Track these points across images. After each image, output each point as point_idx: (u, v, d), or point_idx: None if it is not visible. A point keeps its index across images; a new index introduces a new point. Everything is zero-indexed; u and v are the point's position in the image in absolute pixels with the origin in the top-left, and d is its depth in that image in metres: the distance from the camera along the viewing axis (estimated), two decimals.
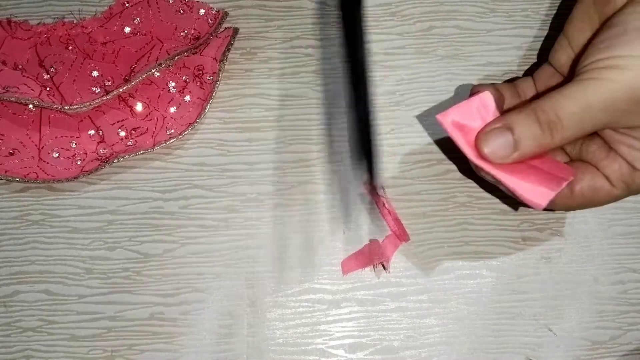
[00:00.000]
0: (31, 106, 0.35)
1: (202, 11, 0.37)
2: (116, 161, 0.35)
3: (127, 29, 0.37)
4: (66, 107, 0.34)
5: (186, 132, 0.36)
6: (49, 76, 0.35)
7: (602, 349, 0.34)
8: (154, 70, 0.35)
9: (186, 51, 0.35)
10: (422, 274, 0.34)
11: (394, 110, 0.36)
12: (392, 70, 0.37)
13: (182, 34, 0.37)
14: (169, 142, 0.36)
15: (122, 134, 0.36)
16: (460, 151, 0.29)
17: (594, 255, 0.35)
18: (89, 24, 0.37)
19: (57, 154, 0.35)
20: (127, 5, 0.37)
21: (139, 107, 0.36)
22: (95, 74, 0.35)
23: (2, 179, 0.35)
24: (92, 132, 0.36)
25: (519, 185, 0.28)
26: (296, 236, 0.35)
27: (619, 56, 0.26)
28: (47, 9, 0.38)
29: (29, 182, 0.35)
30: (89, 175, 0.35)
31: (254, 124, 0.36)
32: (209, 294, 0.34)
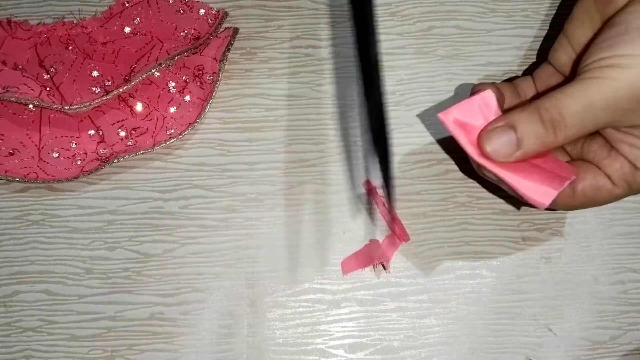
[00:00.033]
0: (31, 106, 0.35)
1: (202, 11, 0.37)
2: (116, 161, 0.35)
3: (127, 29, 0.37)
4: (66, 107, 0.34)
5: (186, 132, 0.36)
6: (49, 76, 0.35)
7: (602, 349, 0.34)
8: (154, 70, 0.35)
9: (186, 51, 0.35)
10: (422, 274, 0.34)
11: (394, 110, 0.36)
12: (392, 70, 0.37)
13: (182, 34, 0.37)
14: (169, 142, 0.36)
15: (122, 134, 0.36)
16: (461, 150, 0.29)
17: (594, 255, 0.35)
18: (89, 24, 0.37)
19: (57, 154, 0.35)
20: (127, 5, 0.37)
21: (139, 107, 0.36)
22: (95, 74, 0.35)
23: (2, 179, 0.35)
24: (92, 132, 0.36)
25: (522, 184, 0.28)
26: (296, 236, 0.35)
27: (621, 55, 0.26)
28: (47, 9, 0.38)
29: (29, 182, 0.35)
30: (89, 175, 0.35)
31: (254, 124, 0.36)
32: (209, 294, 0.34)
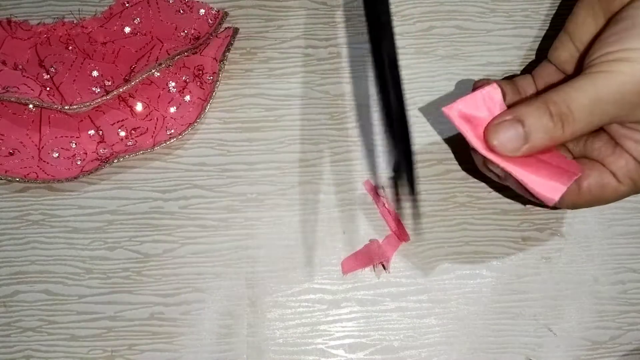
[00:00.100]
0: (31, 106, 0.35)
1: (202, 11, 0.37)
2: (116, 161, 0.35)
3: (127, 29, 0.37)
4: (66, 107, 0.34)
5: (186, 132, 0.36)
6: (49, 76, 0.35)
7: (602, 349, 0.34)
8: (154, 70, 0.35)
9: (186, 51, 0.35)
10: (422, 274, 0.34)
11: None
12: None
13: (182, 34, 0.37)
14: (169, 142, 0.36)
15: (122, 134, 0.36)
16: (465, 145, 0.28)
17: (594, 255, 0.35)
18: (89, 24, 0.37)
19: (57, 154, 0.35)
20: (127, 5, 0.37)
21: (139, 107, 0.36)
22: (95, 74, 0.35)
23: (2, 179, 0.35)
24: (92, 132, 0.36)
25: (530, 179, 0.27)
26: (296, 236, 0.35)
27: (629, 49, 0.26)
28: (47, 9, 0.38)
29: (29, 182, 0.35)
30: (89, 175, 0.35)
31: (254, 124, 0.36)
32: (209, 294, 0.34)
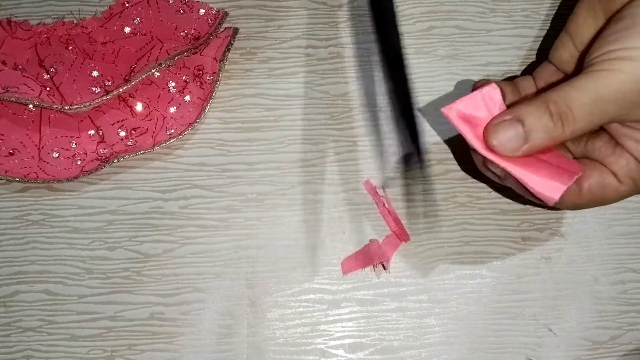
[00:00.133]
0: (31, 106, 0.35)
1: (202, 11, 0.37)
2: (116, 161, 0.35)
3: (127, 29, 0.37)
4: (66, 107, 0.34)
5: (186, 132, 0.36)
6: (49, 76, 0.35)
7: (602, 349, 0.34)
8: (154, 70, 0.35)
9: (186, 51, 0.35)
10: (422, 274, 0.34)
11: None
12: None
13: (182, 34, 0.37)
14: (169, 142, 0.36)
15: (122, 134, 0.36)
16: (465, 146, 0.28)
17: (594, 255, 0.35)
18: (89, 24, 0.37)
19: (57, 154, 0.35)
20: (127, 5, 0.37)
21: (139, 107, 0.36)
22: (95, 74, 0.35)
23: (2, 179, 0.35)
24: (92, 132, 0.36)
25: (530, 178, 0.27)
26: (296, 236, 0.35)
27: (629, 47, 0.26)
28: (47, 9, 0.38)
29: (29, 182, 0.35)
30: (89, 175, 0.35)
31: (254, 124, 0.36)
32: (209, 294, 0.34)
